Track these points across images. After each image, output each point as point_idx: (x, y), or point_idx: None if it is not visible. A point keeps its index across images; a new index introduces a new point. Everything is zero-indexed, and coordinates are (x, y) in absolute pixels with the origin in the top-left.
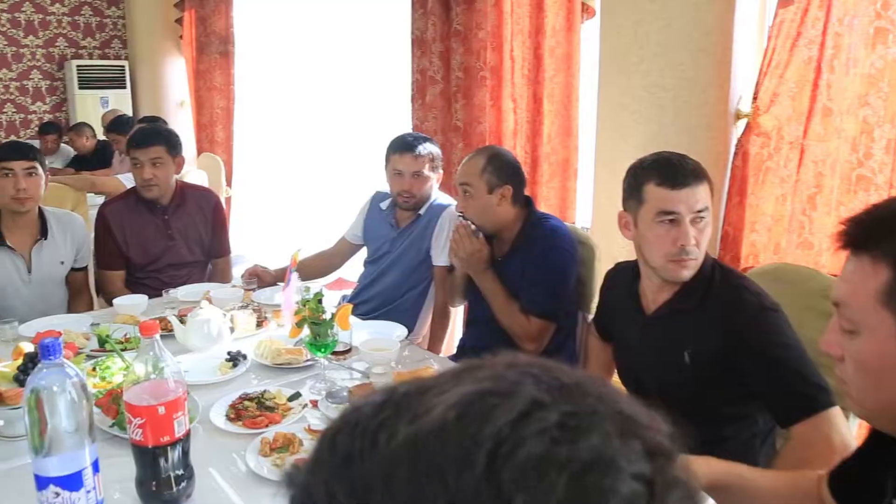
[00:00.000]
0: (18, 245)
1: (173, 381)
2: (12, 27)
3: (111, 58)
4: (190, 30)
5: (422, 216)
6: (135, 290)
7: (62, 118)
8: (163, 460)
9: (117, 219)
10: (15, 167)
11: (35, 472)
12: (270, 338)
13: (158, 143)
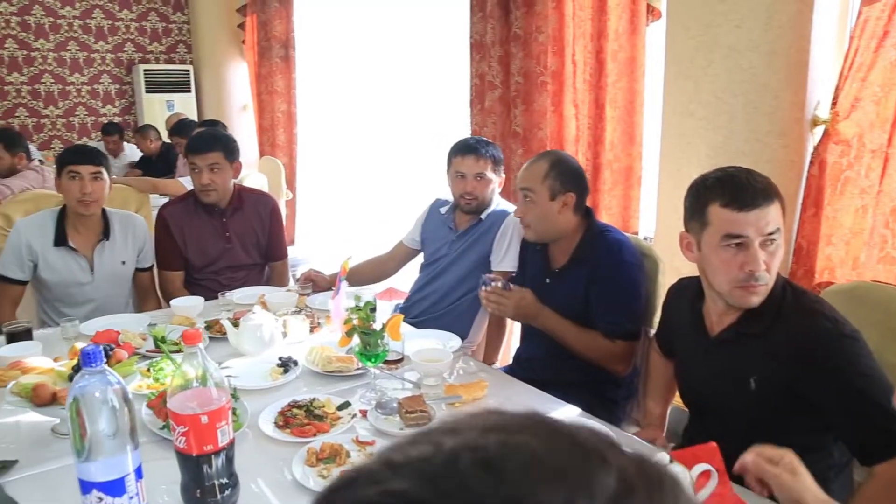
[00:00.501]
0: (81, 246)
1: (216, 389)
2: (84, 33)
3: (177, 62)
4: (252, 35)
5: (483, 221)
6: (193, 292)
7: (130, 121)
8: (206, 468)
9: (176, 220)
10: (82, 171)
11: (79, 476)
12: (322, 344)
13: (216, 148)
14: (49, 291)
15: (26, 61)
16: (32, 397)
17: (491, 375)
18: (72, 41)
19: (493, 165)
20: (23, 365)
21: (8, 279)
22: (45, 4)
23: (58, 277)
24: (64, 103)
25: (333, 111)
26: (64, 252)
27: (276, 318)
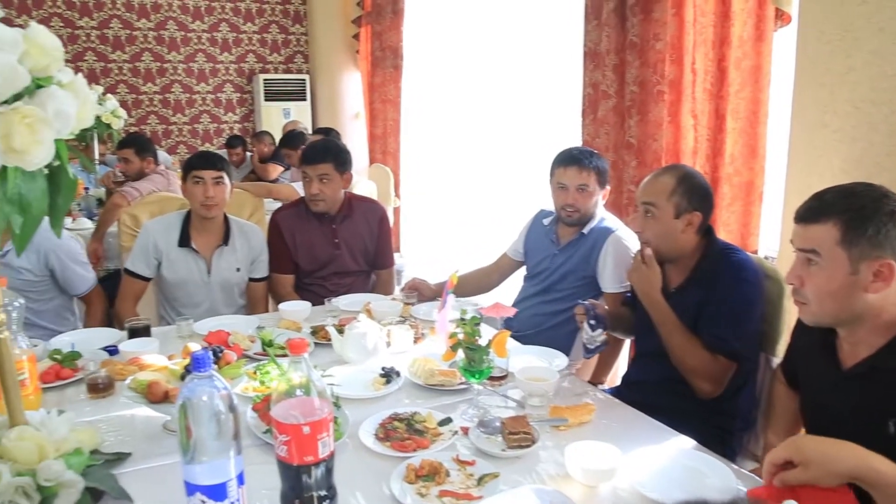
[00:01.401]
0: (202, 248)
1: (319, 400)
2: (210, 45)
3: (294, 72)
4: (366, 45)
5: (585, 235)
6: (301, 296)
7: (249, 128)
8: (306, 478)
9: (288, 224)
10: (205, 176)
11: (184, 477)
12: (425, 356)
13: (327, 160)
14: (169, 290)
15: (159, 72)
16: (147, 394)
17: (598, 398)
18: (199, 53)
19: (597, 177)
20: (140, 361)
21: (134, 274)
22: (177, 20)
23: (178, 276)
24: (190, 111)
25: (441, 119)
26: (186, 252)
27: (381, 326)
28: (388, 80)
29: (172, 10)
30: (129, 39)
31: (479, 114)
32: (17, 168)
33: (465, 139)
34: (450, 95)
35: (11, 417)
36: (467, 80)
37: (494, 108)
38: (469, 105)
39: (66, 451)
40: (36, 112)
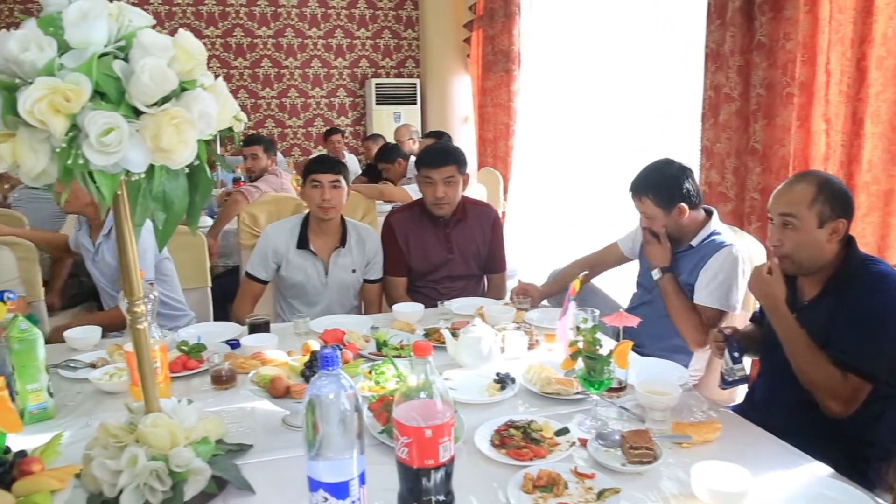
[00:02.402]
0: (320, 250)
1: (442, 404)
2: (325, 51)
3: (405, 76)
4: (477, 49)
5: (694, 248)
6: (414, 298)
7: (360, 131)
8: (425, 482)
9: (402, 228)
10: (322, 179)
11: (308, 473)
12: (540, 363)
13: (451, 162)
14: (287, 290)
15: (277, 77)
16: (269, 388)
17: (722, 416)
18: (315, 59)
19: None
20: (262, 356)
21: (254, 278)
22: (295, 27)
23: (296, 278)
24: (305, 115)
25: (551, 123)
26: (304, 255)
27: (496, 331)
28: (499, 84)
29: (291, 17)
30: (250, 47)
31: (592, 117)
32: (163, 167)
33: (578, 143)
34: (562, 99)
35: (147, 404)
36: (580, 83)
37: (609, 112)
38: (582, 109)
39: (194, 440)
40: (183, 114)
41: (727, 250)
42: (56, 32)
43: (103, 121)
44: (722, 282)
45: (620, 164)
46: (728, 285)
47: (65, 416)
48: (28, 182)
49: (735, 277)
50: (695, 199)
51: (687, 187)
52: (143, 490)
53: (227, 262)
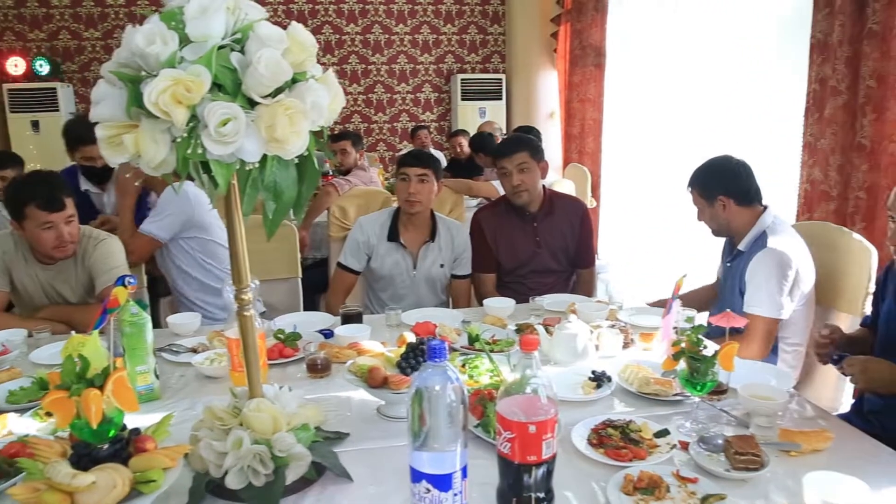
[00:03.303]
0: (410, 243)
1: (547, 400)
2: (412, 47)
3: (490, 72)
4: (564, 43)
5: (744, 253)
6: (502, 293)
7: (445, 126)
8: (526, 478)
9: (489, 224)
10: (410, 173)
11: (411, 464)
12: (636, 363)
13: (522, 149)
14: (376, 282)
15: (364, 74)
16: (367, 378)
17: (832, 425)
18: (401, 55)
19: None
20: (359, 346)
21: (346, 268)
22: (382, 23)
23: (386, 270)
24: (390, 110)
25: (643, 118)
26: (394, 247)
27: (591, 329)
28: (587, 79)
29: (378, 14)
30: (338, 43)
31: (685, 113)
32: (275, 157)
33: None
34: (653, 93)
35: (251, 389)
36: (673, 78)
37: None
38: (674, 103)
39: (295, 426)
40: (296, 104)
41: (762, 253)
42: (178, 26)
43: (222, 111)
44: (759, 286)
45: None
46: (768, 289)
47: (169, 397)
48: (147, 171)
49: (772, 279)
50: (742, 195)
51: (737, 183)
52: (247, 472)
53: (316, 254)
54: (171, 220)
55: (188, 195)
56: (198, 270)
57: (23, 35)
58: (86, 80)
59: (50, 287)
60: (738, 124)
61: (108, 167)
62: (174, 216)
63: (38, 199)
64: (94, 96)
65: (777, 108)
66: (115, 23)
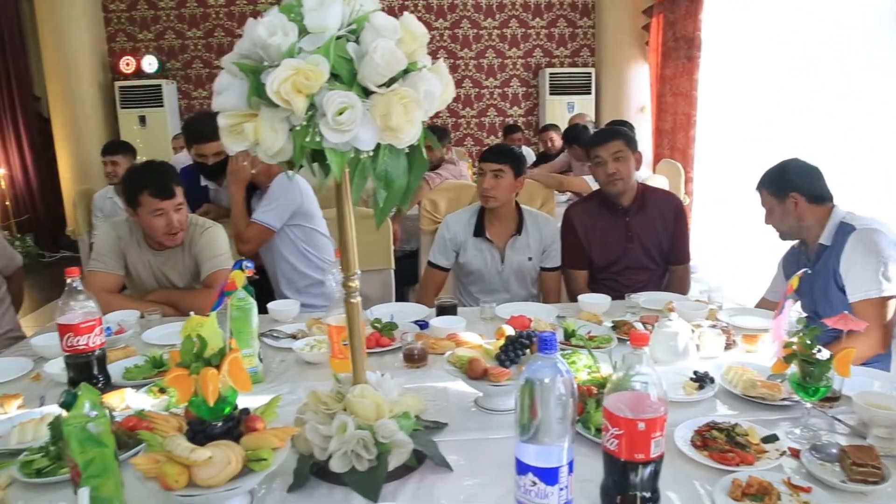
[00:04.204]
0: (496, 238)
1: (656, 398)
2: (500, 41)
3: (579, 65)
4: (656, 35)
5: (828, 247)
6: (594, 290)
7: (532, 121)
8: (632, 476)
9: (581, 220)
10: (485, 168)
11: (517, 455)
12: (740, 364)
13: (617, 138)
14: (466, 277)
15: (452, 68)
16: (467, 370)
17: None
18: (489, 49)
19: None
20: (457, 338)
21: (436, 266)
22: (471, 18)
23: (474, 265)
24: (478, 105)
25: (737, 113)
26: (481, 242)
27: (692, 328)
28: (680, 72)
29: (467, 9)
30: None
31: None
32: (388, 146)
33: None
34: (748, 88)
35: (355, 376)
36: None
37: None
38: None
39: (397, 413)
40: (410, 93)
41: (856, 234)
42: (296, 18)
43: (340, 100)
44: (860, 270)
45: (815, 159)
46: (870, 270)
47: (271, 381)
48: (264, 159)
49: (870, 256)
50: (814, 192)
51: (809, 181)
52: (351, 457)
53: (406, 246)
54: (281, 209)
55: (297, 184)
56: (298, 259)
57: (133, 36)
58: (188, 77)
59: (159, 272)
60: (841, 122)
61: (219, 165)
62: (284, 205)
63: (151, 188)
64: (217, 87)
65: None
66: (215, 22)
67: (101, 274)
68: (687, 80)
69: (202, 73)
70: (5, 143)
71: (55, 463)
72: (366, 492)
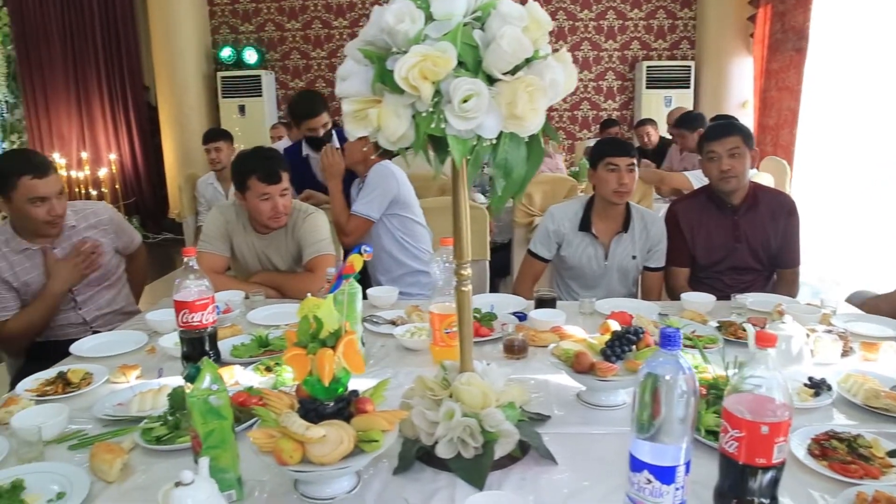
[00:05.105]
0: (601, 234)
1: (781, 400)
2: (596, 33)
3: (678, 58)
4: (763, 27)
5: None
6: (696, 289)
7: (627, 115)
8: (751, 481)
9: (686, 217)
10: (620, 163)
11: (632, 451)
12: (861, 373)
13: (735, 133)
14: (566, 270)
15: None
16: (573, 363)
17: None
18: (585, 41)
19: None
20: (561, 331)
21: (537, 256)
22: (566, 9)
23: (576, 259)
24: (571, 98)
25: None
26: (585, 237)
27: (807, 333)
28: (787, 66)
29: (563, 0)
30: None
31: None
32: (510, 134)
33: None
34: (859, 82)
35: (462, 363)
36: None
37: None
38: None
39: (503, 403)
40: (536, 81)
41: None
42: (423, 5)
43: (466, 87)
44: None
45: None
46: None
47: (373, 365)
48: (385, 145)
49: None
50: None
51: None
52: (457, 443)
53: (498, 238)
54: (379, 199)
55: (393, 173)
56: (396, 248)
57: (235, 28)
58: (286, 68)
59: (263, 255)
60: None
61: (328, 134)
62: (382, 194)
63: (259, 172)
64: (341, 73)
65: None
66: (313, 14)
67: (208, 255)
68: (794, 74)
69: (299, 63)
70: (117, 130)
71: (173, 432)
72: (471, 479)
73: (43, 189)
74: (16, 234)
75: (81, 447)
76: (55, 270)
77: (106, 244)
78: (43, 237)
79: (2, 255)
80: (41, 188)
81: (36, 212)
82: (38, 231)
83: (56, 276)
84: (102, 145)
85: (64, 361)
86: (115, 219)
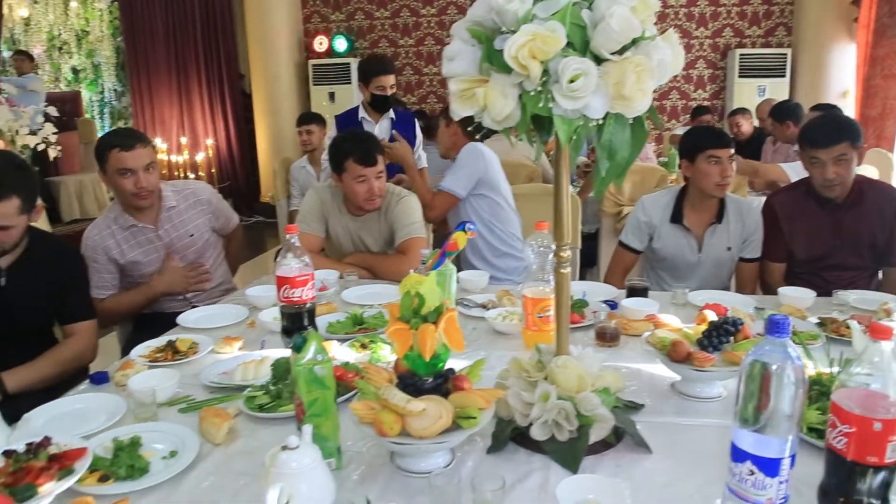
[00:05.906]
0: (694, 225)
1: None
2: (687, 20)
3: (773, 46)
4: (869, 11)
5: None
6: (792, 285)
7: (718, 105)
8: (859, 480)
9: (785, 210)
10: (722, 155)
11: (734, 441)
12: None
13: (843, 139)
14: (658, 262)
15: None
16: (670, 352)
17: None
18: (675, 28)
19: None
20: (656, 319)
21: (628, 247)
22: None
23: (668, 251)
24: (659, 88)
25: None
26: (677, 229)
27: None
28: (894, 52)
29: None
30: None
31: None
32: (616, 115)
33: None
34: None
35: (558, 346)
36: None
37: None
38: None
39: (598, 388)
40: (644, 62)
41: None
42: None
43: (575, 66)
44: None
45: None
46: None
47: (465, 346)
48: (489, 124)
49: None
50: None
51: None
52: (552, 426)
53: (583, 228)
54: (467, 177)
55: (482, 153)
56: (484, 231)
57: (326, 17)
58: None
59: (357, 236)
60: None
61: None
62: (470, 173)
63: (356, 154)
64: (448, 53)
65: None
66: (402, 3)
67: (305, 234)
68: None
69: (388, 51)
70: (214, 116)
71: (275, 401)
72: (566, 462)
73: (129, 161)
74: (123, 211)
75: (190, 410)
76: (168, 272)
77: (203, 224)
78: (140, 212)
79: (110, 233)
80: (128, 161)
81: (124, 183)
82: (129, 203)
83: (165, 276)
84: (200, 131)
85: (171, 332)
86: (214, 200)
